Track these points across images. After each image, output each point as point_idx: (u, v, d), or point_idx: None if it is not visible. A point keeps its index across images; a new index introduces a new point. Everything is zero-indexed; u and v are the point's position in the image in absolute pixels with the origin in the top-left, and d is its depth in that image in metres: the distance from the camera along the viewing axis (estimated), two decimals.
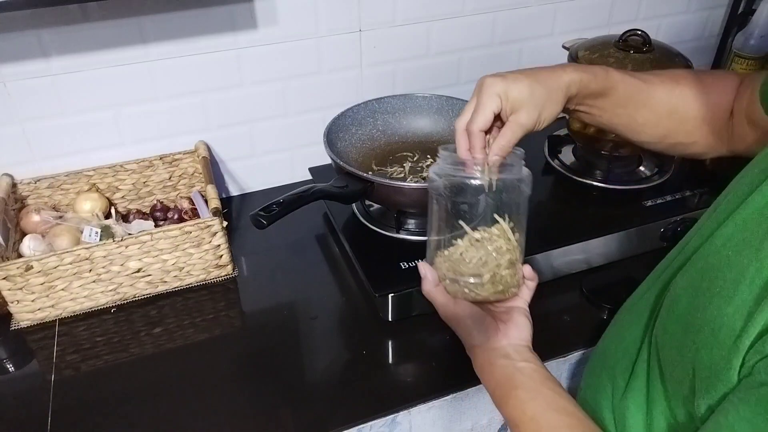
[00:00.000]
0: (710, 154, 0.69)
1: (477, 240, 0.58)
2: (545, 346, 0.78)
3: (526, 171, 0.58)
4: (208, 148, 1.00)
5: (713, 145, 0.68)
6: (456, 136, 0.60)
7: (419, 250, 0.84)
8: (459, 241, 0.58)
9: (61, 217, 0.90)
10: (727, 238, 0.47)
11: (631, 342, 0.58)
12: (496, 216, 0.57)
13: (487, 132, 0.60)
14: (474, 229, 0.58)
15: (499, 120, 0.60)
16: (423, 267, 0.60)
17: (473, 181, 0.56)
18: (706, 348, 0.44)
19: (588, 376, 0.68)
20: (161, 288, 0.87)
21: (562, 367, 0.83)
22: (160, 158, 0.97)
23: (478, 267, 0.57)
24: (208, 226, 0.84)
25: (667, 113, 0.66)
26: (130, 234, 0.84)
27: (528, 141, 1.17)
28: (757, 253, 0.43)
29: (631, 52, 0.96)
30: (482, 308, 0.60)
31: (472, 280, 0.57)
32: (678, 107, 0.66)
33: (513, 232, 0.58)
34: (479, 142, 0.59)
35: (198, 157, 0.97)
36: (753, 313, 0.41)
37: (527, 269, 0.60)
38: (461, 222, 0.57)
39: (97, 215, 0.92)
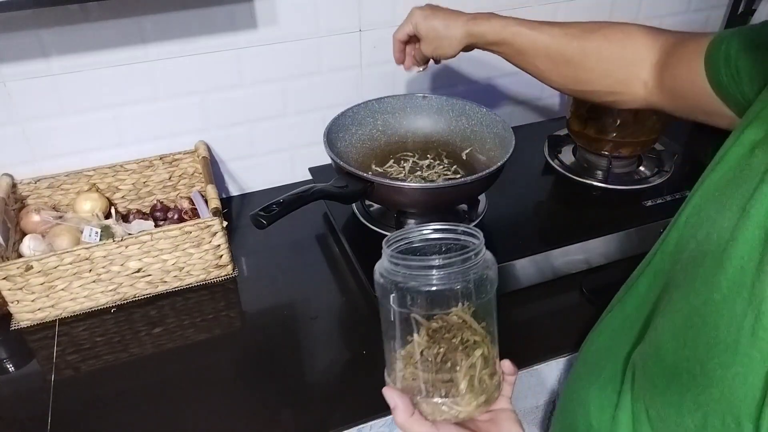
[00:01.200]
0: (623, 104, 0.71)
1: (435, 330, 0.49)
2: (545, 346, 0.79)
3: (488, 255, 0.50)
4: (208, 148, 1.00)
5: (622, 96, 0.69)
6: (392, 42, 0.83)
7: None
8: (415, 335, 0.49)
9: (61, 217, 0.90)
10: (707, 280, 0.43)
11: (608, 385, 0.54)
12: (456, 310, 0.49)
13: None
14: (430, 319, 0.49)
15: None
16: (390, 395, 0.49)
17: (428, 287, 0.47)
18: (717, 414, 0.40)
19: (560, 415, 0.65)
20: (161, 288, 0.87)
21: (562, 366, 0.83)
22: (160, 158, 0.97)
23: (448, 370, 0.48)
24: (208, 226, 0.84)
25: (564, 62, 0.71)
26: (130, 234, 0.84)
27: (528, 141, 1.17)
28: (750, 300, 0.38)
29: None
30: (467, 426, 0.50)
31: (449, 399, 0.49)
32: (574, 58, 0.70)
33: (479, 321, 0.49)
34: (396, 45, 0.83)
35: (198, 157, 0.97)
36: None
37: (507, 365, 0.52)
38: (414, 316, 0.48)
39: (97, 215, 0.92)
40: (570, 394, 0.63)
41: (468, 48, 0.78)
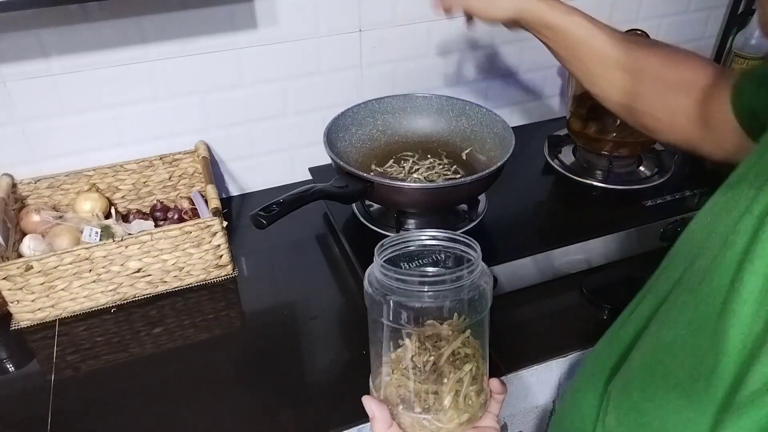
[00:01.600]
0: (660, 133, 0.66)
1: (427, 337, 0.48)
2: (545, 346, 0.79)
3: (484, 270, 0.48)
4: (208, 148, 1.00)
5: (662, 124, 0.64)
6: None
7: None
8: (407, 340, 0.48)
9: (61, 217, 0.90)
10: (681, 314, 0.40)
11: (585, 417, 0.52)
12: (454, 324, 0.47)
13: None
14: (421, 326, 0.47)
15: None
16: (369, 404, 0.48)
17: (419, 303, 0.45)
18: None
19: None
20: (161, 288, 0.87)
21: (562, 366, 0.83)
22: (160, 158, 0.97)
23: (435, 381, 0.47)
24: (208, 226, 0.84)
25: (618, 69, 0.64)
26: (130, 234, 0.84)
27: (528, 141, 1.17)
28: (712, 341, 0.36)
29: None
30: None
31: (431, 415, 0.47)
32: (630, 68, 0.64)
33: (470, 335, 0.48)
34: None
35: (198, 157, 0.97)
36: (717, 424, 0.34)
37: (495, 384, 0.50)
38: (405, 333, 0.47)
39: (97, 215, 0.92)
40: (560, 418, 0.61)
41: (513, 23, 0.68)
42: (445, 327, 0.47)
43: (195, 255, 0.86)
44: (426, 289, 0.45)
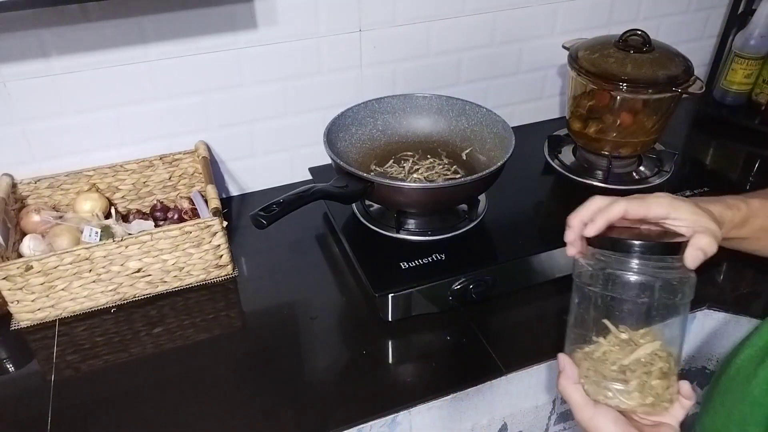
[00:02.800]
0: None
1: (623, 340, 0.52)
2: (545, 346, 0.79)
3: (692, 275, 0.52)
4: (208, 148, 1.00)
5: None
6: None
7: (419, 251, 0.85)
8: (602, 339, 0.53)
9: (61, 217, 0.90)
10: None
11: None
12: (653, 327, 0.52)
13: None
14: (619, 327, 0.53)
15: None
16: (563, 360, 0.55)
17: (630, 276, 0.51)
18: None
19: None
20: (161, 288, 0.87)
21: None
22: (160, 158, 0.97)
23: (623, 372, 0.51)
24: (208, 226, 0.84)
25: None
26: (130, 234, 0.84)
27: (528, 141, 1.17)
28: None
29: (631, 52, 0.97)
30: (628, 416, 0.53)
31: (618, 386, 0.51)
32: None
33: (667, 340, 0.52)
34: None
35: (198, 157, 0.97)
36: None
37: (685, 386, 0.53)
38: (606, 321, 0.53)
39: (97, 215, 0.92)
40: None
41: None
42: (638, 334, 0.52)
43: (195, 255, 0.86)
44: (635, 262, 0.50)
